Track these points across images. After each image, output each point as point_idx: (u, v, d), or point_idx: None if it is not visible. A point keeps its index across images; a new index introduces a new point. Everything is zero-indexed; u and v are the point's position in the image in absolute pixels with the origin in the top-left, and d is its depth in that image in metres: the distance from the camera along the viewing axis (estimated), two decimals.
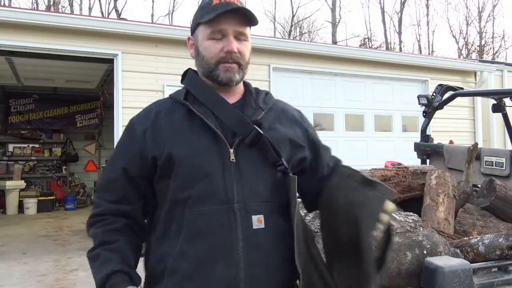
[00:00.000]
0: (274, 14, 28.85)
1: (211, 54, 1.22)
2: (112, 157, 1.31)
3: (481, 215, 2.33)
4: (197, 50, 1.26)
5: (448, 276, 1.40)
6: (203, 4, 1.25)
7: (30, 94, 10.18)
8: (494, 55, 25.25)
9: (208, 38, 1.22)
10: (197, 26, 1.25)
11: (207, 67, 1.23)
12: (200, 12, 1.24)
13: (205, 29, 1.22)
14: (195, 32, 1.27)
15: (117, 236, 1.22)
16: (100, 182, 1.30)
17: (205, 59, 1.23)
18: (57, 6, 21.84)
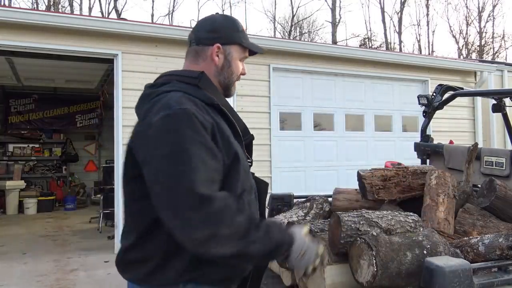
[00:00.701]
0: (274, 14, 28.93)
1: (237, 72, 1.48)
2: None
3: (481, 215, 2.33)
4: (228, 63, 1.45)
5: (448, 276, 1.40)
6: (240, 28, 1.48)
7: (30, 94, 10.18)
8: (494, 55, 25.26)
9: (239, 59, 1.48)
10: (234, 43, 1.46)
11: (229, 80, 1.46)
12: (238, 33, 1.47)
13: (242, 52, 1.48)
14: (228, 45, 1.45)
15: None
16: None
17: (232, 74, 1.46)
18: (57, 6, 21.84)
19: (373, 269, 1.47)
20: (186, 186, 1.14)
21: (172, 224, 1.16)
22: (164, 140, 1.19)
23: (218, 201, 1.16)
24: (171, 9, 26.02)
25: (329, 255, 1.48)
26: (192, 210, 1.13)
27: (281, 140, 6.92)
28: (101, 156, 11.01)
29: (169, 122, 1.20)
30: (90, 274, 4.80)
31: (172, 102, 1.25)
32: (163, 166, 1.17)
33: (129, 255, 1.32)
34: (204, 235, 1.13)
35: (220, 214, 1.16)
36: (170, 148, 1.18)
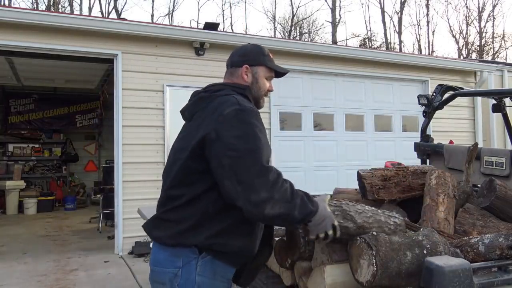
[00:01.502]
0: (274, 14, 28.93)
1: (264, 89, 1.84)
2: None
3: (481, 215, 2.33)
4: (256, 80, 1.81)
5: (448, 276, 1.40)
6: (264, 52, 1.85)
7: (30, 94, 10.18)
8: (494, 55, 25.26)
9: (265, 77, 1.84)
10: (260, 64, 1.82)
11: (257, 94, 1.81)
12: (264, 57, 1.84)
13: (267, 72, 1.84)
14: (255, 66, 1.81)
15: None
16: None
17: (260, 89, 1.82)
18: (57, 6, 21.84)
19: (373, 269, 1.47)
20: (253, 159, 1.50)
21: (236, 189, 1.48)
22: (237, 126, 1.54)
23: (273, 173, 1.51)
24: (171, 9, 26.04)
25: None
26: (256, 177, 1.47)
27: (281, 140, 6.92)
28: (101, 156, 11.01)
29: (241, 114, 1.57)
30: (90, 274, 4.80)
31: (239, 101, 1.62)
32: (234, 143, 1.51)
33: (166, 215, 1.63)
34: (262, 198, 1.45)
35: (275, 182, 1.49)
36: (243, 131, 1.54)
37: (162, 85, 5.99)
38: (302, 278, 1.89)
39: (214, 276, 1.60)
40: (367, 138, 7.70)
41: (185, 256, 1.57)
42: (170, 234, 1.59)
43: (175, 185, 1.64)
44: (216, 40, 6.29)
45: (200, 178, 1.58)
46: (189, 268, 1.57)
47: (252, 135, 1.53)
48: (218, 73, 6.11)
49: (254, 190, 1.46)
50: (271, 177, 1.49)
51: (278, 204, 1.47)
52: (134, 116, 5.82)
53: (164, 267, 1.60)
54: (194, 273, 1.56)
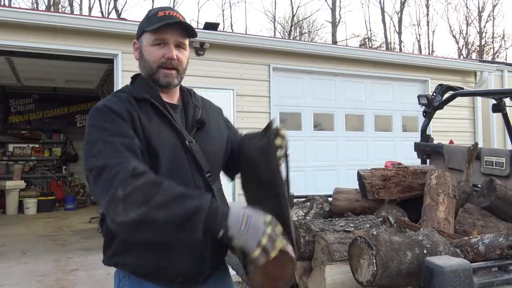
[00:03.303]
0: (274, 14, 28.95)
1: (153, 59, 1.44)
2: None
3: (481, 215, 2.33)
4: (141, 54, 1.49)
5: (448, 276, 1.40)
6: (150, 15, 1.48)
7: (30, 94, 10.19)
8: (494, 55, 25.26)
9: (152, 44, 1.44)
10: (142, 33, 1.48)
11: (150, 70, 1.45)
12: (146, 21, 1.47)
13: (150, 37, 1.45)
14: (140, 38, 1.50)
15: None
16: None
17: (148, 63, 1.45)
18: (57, 6, 21.84)
19: (373, 269, 1.47)
20: (89, 167, 1.22)
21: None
22: (86, 131, 1.35)
23: (112, 167, 1.17)
24: None
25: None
26: (95, 186, 1.20)
27: None
28: None
29: (89, 116, 1.36)
30: (90, 274, 4.80)
31: (102, 101, 1.38)
32: (84, 153, 1.30)
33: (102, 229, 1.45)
34: (105, 205, 1.14)
35: (115, 179, 1.14)
36: (84, 143, 1.32)
37: None
38: (302, 278, 1.89)
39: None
40: (367, 138, 7.70)
41: (117, 274, 1.42)
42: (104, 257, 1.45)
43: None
44: (216, 40, 6.30)
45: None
46: (121, 284, 1.40)
47: (90, 142, 1.28)
48: (218, 73, 6.18)
49: (99, 199, 1.18)
50: (106, 175, 1.16)
51: (129, 203, 1.11)
52: None
53: (114, 281, 1.47)
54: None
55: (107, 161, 1.19)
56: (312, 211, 2.45)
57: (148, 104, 1.39)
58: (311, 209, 2.46)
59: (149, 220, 1.10)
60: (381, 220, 2.20)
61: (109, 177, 1.15)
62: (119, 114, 1.30)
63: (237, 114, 6.46)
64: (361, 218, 2.14)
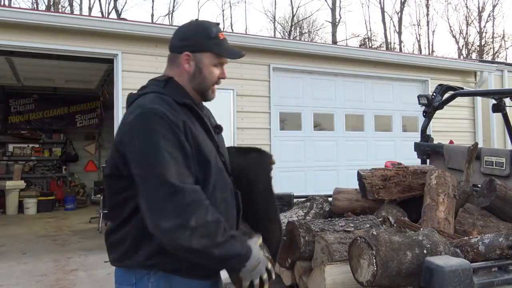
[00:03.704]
0: (274, 14, 28.87)
1: (213, 78, 1.52)
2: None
3: (481, 215, 2.33)
4: (199, 70, 1.50)
5: (448, 276, 1.40)
6: (212, 35, 1.51)
7: (30, 94, 10.18)
8: (494, 55, 25.26)
9: (213, 65, 1.51)
10: (205, 51, 1.50)
11: (202, 85, 1.52)
12: (209, 41, 1.50)
13: (214, 59, 1.51)
14: (198, 53, 1.49)
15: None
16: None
17: (207, 80, 1.51)
18: (57, 6, 21.84)
19: (373, 269, 1.47)
20: (158, 179, 1.26)
21: (145, 213, 1.28)
22: (137, 135, 1.33)
23: (189, 194, 1.27)
24: (171, 9, 26.00)
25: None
26: (163, 201, 1.25)
27: (281, 140, 6.92)
28: (101, 156, 11.00)
29: (141, 119, 1.33)
30: (90, 274, 4.79)
31: (145, 102, 1.38)
32: (136, 159, 1.31)
33: (109, 238, 1.46)
34: (172, 225, 1.24)
35: (190, 207, 1.26)
36: (143, 143, 1.31)
37: None
38: (302, 278, 1.89)
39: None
40: (367, 138, 7.70)
41: (138, 272, 1.41)
42: (116, 257, 1.45)
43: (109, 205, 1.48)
44: None
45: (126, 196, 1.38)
46: (141, 285, 1.40)
47: (155, 146, 1.29)
48: None
49: (161, 215, 1.25)
50: (185, 200, 1.26)
51: (194, 235, 1.25)
52: None
53: (120, 284, 1.47)
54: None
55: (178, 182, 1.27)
56: (312, 211, 2.45)
57: (188, 110, 1.43)
58: (311, 209, 2.46)
59: (206, 252, 1.28)
60: (381, 220, 2.20)
61: (185, 202, 1.26)
62: (177, 126, 1.34)
63: (237, 114, 6.46)
64: (361, 218, 2.14)
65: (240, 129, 6.48)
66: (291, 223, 2.01)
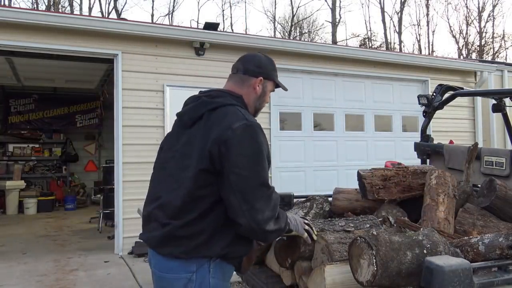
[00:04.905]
0: (274, 14, 28.91)
1: (267, 101, 1.91)
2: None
3: (481, 215, 2.33)
4: (264, 93, 1.85)
5: (448, 276, 1.40)
6: (275, 67, 1.92)
7: (30, 94, 10.18)
8: (494, 55, 25.26)
9: (270, 91, 1.90)
10: (271, 80, 1.88)
11: (260, 106, 1.87)
12: (275, 72, 1.91)
13: (272, 86, 1.90)
14: (267, 80, 1.86)
15: None
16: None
17: (264, 102, 1.88)
18: (57, 6, 21.84)
19: (373, 269, 1.47)
20: (259, 180, 1.57)
21: (241, 207, 1.54)
22: (245, 142, 1.58)
23: (275, 193, 1.62)
24: (171, 9, 26.03)
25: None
26: (262, 200, 1.56)
27: (281, 140, 6.92)
28: (101, 156, 11.01)
29: (250, 130, 1.60)
30: (90, 274, 4.80)
31: (246, 115, 1.66)
32: (245, 162, 1.56)
33: (179, 231, 1.60)
34: (266, 217, 1.55)
35: (276, 202, 1.61)
36: (251, 149, 1.58)
37: (162, 85, 5.99)
38: (302, 278, 1.89)
39: (224, 277, 1.68)
40: (367, 138, 7.70)
41: (198, 261, 1.60)
42: (183, 250, 1.59)
43: (190, 199, 1.60)
44: (216, 40, 6.30)
45: (210, 191, 1.59)
46: (203, 271, 1.60)
47: (259, 154, 1.58)
48: (218, 73, 6.16)
49: (260, 210, 1.54)
50: (274, 199, 1.60)
51: (277, 221, 1.61)
52: (134, 116, 5.82)
53: (177, 273, 1.60)
54: (208, 276, 1.61)
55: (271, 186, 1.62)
56: (312, 211, 2.45)
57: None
58: (311, 209, 2.46)
59: (281, 229, 1.65)
60: (381, 220, 2.20)
61: (275, 200, 1.61)
62: (265, 138, 1.66)
63: None
64: (361, 218, 2.14)
65: None
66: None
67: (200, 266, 1.60)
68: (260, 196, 1.55)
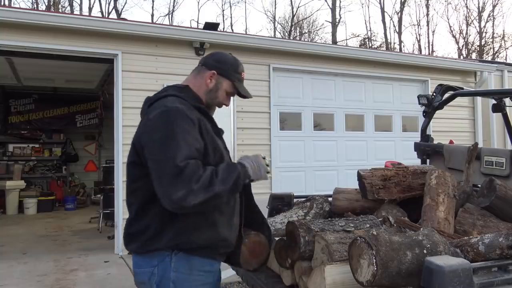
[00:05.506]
0: (274, 14, 28.90)
1: (220, 100, 1.88)
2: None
3: (481, 215, 2.33)
4: (216, 88, 1.84)
5: (448, 276, 1.40)
6: (238, 70, 1.88)
7: (30, 94, 10.18)
8: (494, 55, 25.26)
9: (226, 92, 1.87)
10: (227, 77, 1.85)
11: (212, 101, 1.86)
12: (235, 74, 1.87)
13: (230, 87, 1.87)
14: (222, 77, 1.84)
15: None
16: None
17: (216, 99, 1.86)
18: (57, 6, 21.84)
19: (373, 268, 1.47)
20: (171, 162, 1.52)
21: (160, 190, 1.54)
22: (158, 128, 1.60)
23: (189, 168, 1.53)
24: (171, 9, 26.05)
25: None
26: (173, 178, 1.51)
27: (281, 140, 6.92)
28: (101, 156, 11.01)
29: (164, 115, 1.61)
30: (90, 274, 4.80)
31: (167, 103, 1.67)
32: (156, 146, 1.58)
33: (130, 228, 1.69)
34: (182, 193, 1.49)
35: (190, 176, 1.52)
36: (162, 133, 1.58)
37: (162, 85, 5.92)
38: (302, 278, 1.89)
39: (191, 271, 1.65)
40: (367, 138, 7.70)
41: (160, 255, 1.63)
42: (139, 246, 1.67)
43: (129, 193, 1.72)
44: (216, 40, 6.30)
45: (144, 183, 1.62)
46: (164, 265, 1.63)
47: (171, 136, 1.56)
48: None
49: (173, 189, 1.50)
50: (187, 173, 1.52)
51: (198, 192, 1.52)
52: (134, 116, 5.78)
53: (142, 267, 1.68)
54: (169, 270, 1.63)
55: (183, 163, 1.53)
56: (312, 211, 2.45)
57: (201, 113, 1.73)
58: (311, 209, 2.46)
59: (213, 196, 1.55)
60: (381, 220, 2.20)
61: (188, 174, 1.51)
62: (193, 120, 1.63)
63: (237, 114, 6.46)
64: (361, 218, 2.14)
65: (240, 129, 6.48)
66: (291, 223, 2.01)
67: (161, 260, 1.63)
68: (171, 176, 1.52)
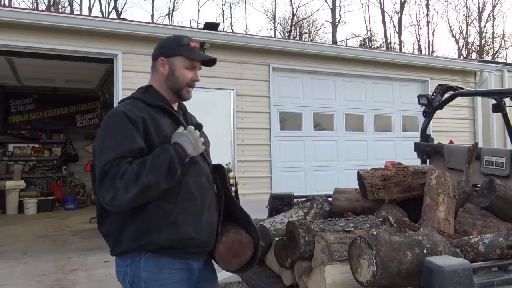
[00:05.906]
0: (274, 14, 28.93)
1: (184, 79, 1.78)
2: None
3: (481, 215, 2.33)
4: (172, 72, 1.77)
5: (448, 276, 1.40)
6: (183, 43, 1.79)
7: (30, 94, 10.18)
8: (494, 55, 25.26)
9: (185, 67, 1.78)
10: (176, 55, 1.77)
11: (176, 85, 1.78)
12: (182, 47, 1.78)
13: (185, 62, 1.77)
14: (171, 58, 1.77)
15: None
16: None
17: (179, 81, 1.78)
18: (57, 6, 21.84)
19: (373, 268, 1.47)
20: (98, 166, 1.56)
21: (97, 196, 1.58)
22: (99, 134, 1.64)
23: (113, 168, 1.52)
24: (171, 9, 26.06)
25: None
26: (100, 181, 1.54)
27: (281, 140, 6.92)
28: None
29: (105, 121, 1.65)
30: (90, 274, 4.79)
31: (116, 107, 1.70)
32: (95, 153, 1.62)
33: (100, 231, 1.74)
34: (111, 194, 1.50)
35: (113, 175, 1.51)
36: (99, 139, 1.62)
37: None
38: (302, 278, 1.89)
39: (160, 270, 1.65)
40: (367, 138, 7.70)
41: (131, 256, 1.67)
42: (110, 248, 1.73)
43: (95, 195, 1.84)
44: (216, 40, 6.29)
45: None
46: (135, 265, 1.66)
47: (106, 139, 1.60)
48: (218, 73, 6.16)
49: (103, 192, 1.52)
50: (111, 173, 1.51)
51: (128, 188, 1.50)
52: None
53: (119, 267, 1.73)
54: (140, 269, 1.65)
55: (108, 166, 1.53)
56: (312, 211, 2.45)
57: (160, 110, 1.72)
58: (311, 209, 2.46)
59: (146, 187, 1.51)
60: (381, 220, 2.20)
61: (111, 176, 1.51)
62: (134, 121, 1.60)
63: (237, 114, 6.46)
64: (361, 218, 2.14)
65: (240, 129, 6.48)
66: (291, 223, 2.01)
67: (132, 260, 1.66)
68: (99, 180, 1.54)
